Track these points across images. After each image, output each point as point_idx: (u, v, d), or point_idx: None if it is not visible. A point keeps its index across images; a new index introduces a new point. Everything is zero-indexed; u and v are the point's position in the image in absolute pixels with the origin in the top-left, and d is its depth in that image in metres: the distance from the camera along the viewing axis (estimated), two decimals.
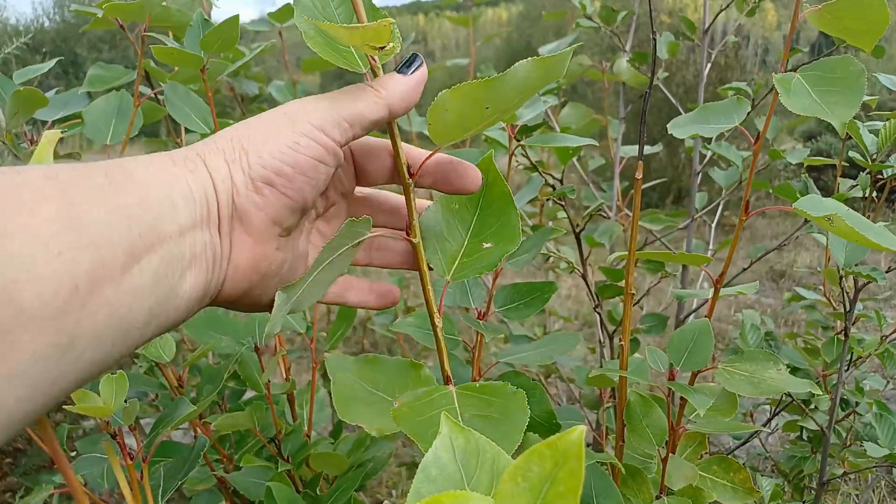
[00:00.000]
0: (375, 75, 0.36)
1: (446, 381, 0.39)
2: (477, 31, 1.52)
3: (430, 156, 0.38)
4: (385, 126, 0.37)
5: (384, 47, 0.33)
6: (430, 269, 0.40)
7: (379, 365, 0.42)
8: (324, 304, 0.41)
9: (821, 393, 0.49)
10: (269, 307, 0.36)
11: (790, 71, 0.48)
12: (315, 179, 0.33)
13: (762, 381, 0.50)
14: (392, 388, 0.41)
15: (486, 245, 0.40)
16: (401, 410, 0.35)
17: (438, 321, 0.39)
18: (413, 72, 0.35)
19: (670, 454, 0.56)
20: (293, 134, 0.32)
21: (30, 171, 0.27)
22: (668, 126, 0.52)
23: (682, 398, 0.56)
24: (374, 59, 0.36)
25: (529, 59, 0.32)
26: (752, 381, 0.50)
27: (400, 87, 0.35)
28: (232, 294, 0.34)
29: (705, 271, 0.57)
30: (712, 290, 0.55)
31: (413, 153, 0.38)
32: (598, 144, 0.74)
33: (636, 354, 0.92)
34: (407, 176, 0.37)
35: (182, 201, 0.30)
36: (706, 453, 0.62)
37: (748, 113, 1.02)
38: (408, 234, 0.39)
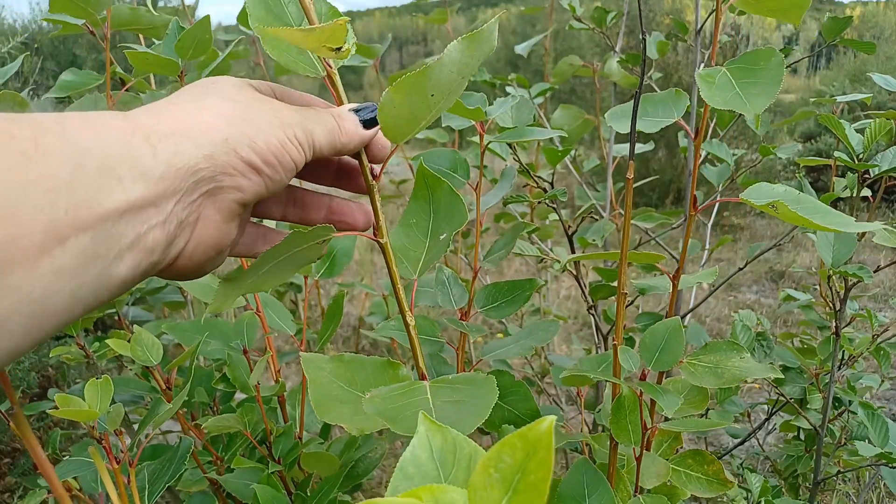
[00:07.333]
0: (332, 80, 0.37)
1: (421, 377, 0.39)
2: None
3: (388, 158, 0.38)
4: None
5: (340, 49, 0.33)
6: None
7: (355, 364, 0.41)
8: (234, 256, 0.39)
9: (782, 376, 0.49)
10: (201, 275, 0.36)
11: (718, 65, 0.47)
12: (288, 177, 0.35)
13: (725, 370, 0.50)
14: (369, 387, 0.40)
15: (442, 236, 0.42)
16: (373, 399, 0.35)
17: (410, 319, 0.40)
18: (368, 117, 0.37)
19: (644, 451, 0.56)
20: (282, 132, 0.33)
21: None
22: (605, 117, 0.52)
23: None
24: (329, 65, 0.36)
25: (459, 38, 0.32)
26: (715, 372, 0.50)
27: (357, 136, 0.36)
28: (185, 267, 0.33)
29: (662, 269, 0.57)
30: (671, 284, 0.56)
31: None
32: (567, 135, 0.74)
33: None
34: (370, 178, 0.38)
35: (130, 176, 0.27)
36: (681, 448, 0.62)
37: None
38: (375, 236, 0.39)
